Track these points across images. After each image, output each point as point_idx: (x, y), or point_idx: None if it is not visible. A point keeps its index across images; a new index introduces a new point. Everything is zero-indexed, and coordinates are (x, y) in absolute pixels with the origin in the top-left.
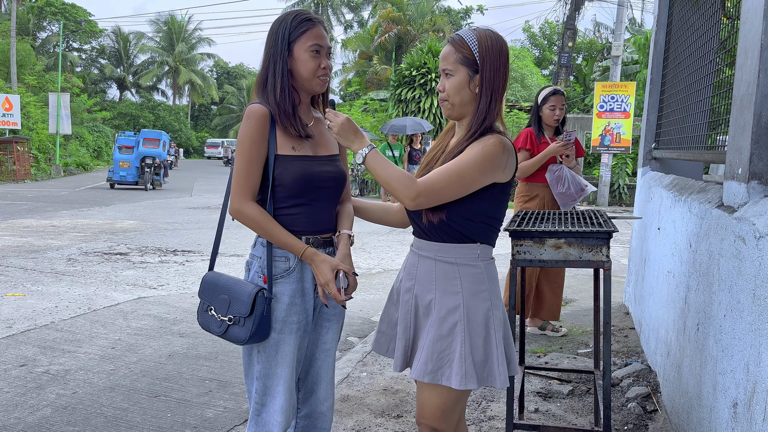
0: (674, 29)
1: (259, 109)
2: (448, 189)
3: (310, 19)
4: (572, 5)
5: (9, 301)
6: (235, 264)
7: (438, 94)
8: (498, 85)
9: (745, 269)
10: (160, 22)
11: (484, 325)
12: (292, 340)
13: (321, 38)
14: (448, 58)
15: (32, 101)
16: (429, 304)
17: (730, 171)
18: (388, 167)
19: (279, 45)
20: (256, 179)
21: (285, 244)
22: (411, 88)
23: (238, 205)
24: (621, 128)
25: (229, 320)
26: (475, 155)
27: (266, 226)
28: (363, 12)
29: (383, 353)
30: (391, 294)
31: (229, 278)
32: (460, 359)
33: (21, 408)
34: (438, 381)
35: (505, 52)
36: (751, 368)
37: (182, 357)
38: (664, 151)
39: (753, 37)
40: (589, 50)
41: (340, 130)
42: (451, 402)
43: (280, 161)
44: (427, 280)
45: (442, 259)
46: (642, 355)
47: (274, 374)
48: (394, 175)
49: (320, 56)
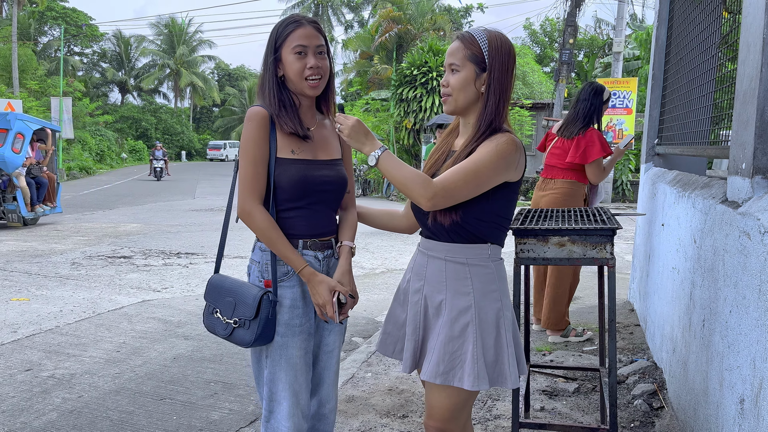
0: (676, 24)
1: (259, 111)
2: (464, 188)
3: (297, 21)
4: (573, 2)
5: (14, 306)
6: (238, 266)
7: (440, 90)
8: (506, 86)
9: (751, 265)
10: (161, 25)
11: (495, 326)
12: (296, 343)
13: (305, 38)
14: (456, 54)
15: (34, 106)
16: (439, 304)
17: (733, 166)
18: (401, 168)
19: (270, 49)
20: (262, 179)
21: (285, 257)
22: (412, 87)
23: (249, 207)
24: (623, 124)
25: (234, 323)
26: (489, 154)
27: (270, 235)
28: (363, 12)
29: (389, 354)
30: (397, 294)
31: (234, 281)
32: (473, 360)
33: (27, 412)
34: (450, 382)
35: (513, 55)
36: (757, 364)
37: (187, 359)
38: (667, 147)
39: (755, 31)
40: (590, 47)
41: (351, 132)
42: (461, 403)
43: (279, 164)
44: (437, 280)
45: (452, 259)
46: (647, 352)
47: (279, 379)
48: (409, 175)
49: (305, 56)
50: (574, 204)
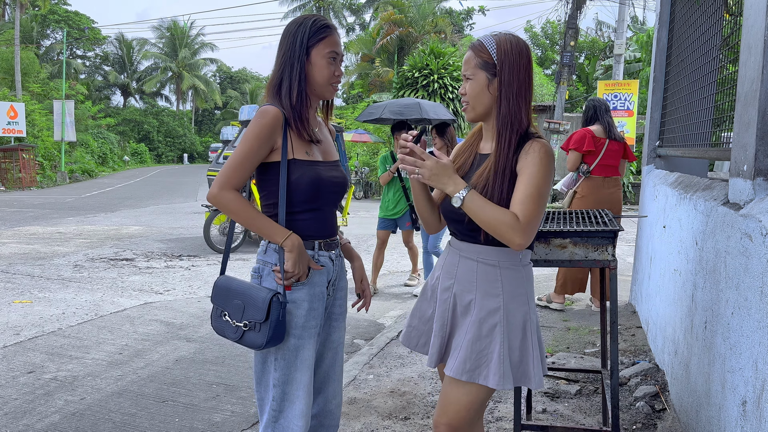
0: (677, 27)
1: (273, 111)
2: (541, 214)
3: (329, 26)
4: (574, 4)
5: (17, 308)
6: (240, 267)
7: (460, 98)
8: (521, 88)
9: (753, 266)
10: (163, 28)
11: (522, 328)
12: (311, 344)
13: (338, 45)
14: (469, 63)
15: (37, 109)
16: (468, 304)
17: (735, 168)
18: (487, 208)
19: (297, 48)
20: (245, 174)
21: (268, 232)
22: (414, 89)
23: (217, 190)
24: (624, 126)
25: (244, 326)
26: (541, 172)
27: (248, 213)
28: (365, 15)
29: (413, 347)
30: (424, 290)
31: (241, 283)
32: (499, 360)
33: (29, 415)
34: (475, 380)
35: (526, 55)
36: (759, 366)
37: (189, 362)
38: (668, 149)
39: (756, 33)
40: (591, 49)
41: (431, 175)
42: (479, 402)
43: (295, 166)
44: (468, 280)
45: (484, 261)
46: (649, 354)
47: (293, 380)
48: (497, 216)
49: (336, 63)
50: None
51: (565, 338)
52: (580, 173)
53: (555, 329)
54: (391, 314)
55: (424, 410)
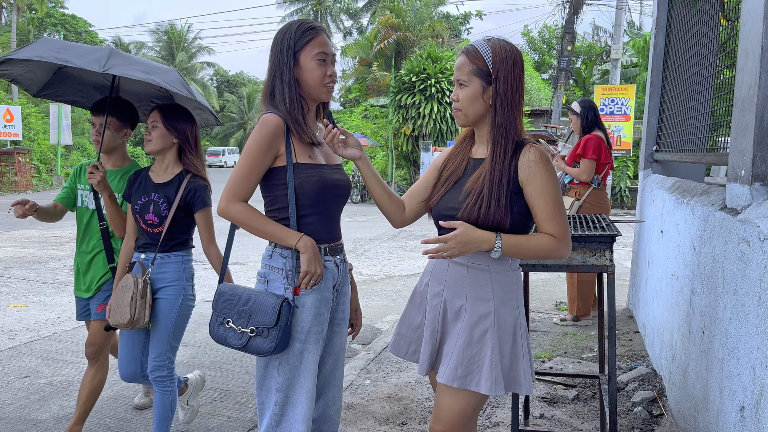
0: (673, 32)
1: (274, 119)
2: (566, 218)
3: (314, 28)
4: (571, 9)
5: (11, 313)
6: (237, 272)
7: (452, 103)
8: (514, 95)
9: (750, 272)
10: (160, 31)
11: (512, 333)
12: (316, 349)
13: (326, 46)
14: (463, 69)
15: (33, 112)
16: (459, 309)
17: (732, 173)
18: (526, 244)
19: (285, 54)
20: (252, 186)
21: (280, 237)
22: (411, 93)
23: (225, 204)
24: (621, 131)
25: (251, 332)
26: (550, 179)
27: (258, 222)
28: (362, 19)
29: (402, 356)
30: (413, 297)
31: (246, 289)
32: (490, 365)
33: (24, 420)
34: (467, 386)
35: (520, 63)
36: (758, 371)
37: (185, 367)
38: (665, 154)
39: (753, 38)
40: (588, 54)
41: (462, 247)
42: (471, 408)
43: (300, 170)
44: (458, 285)
45: (474, 266)
46: (647, 359)
47: (297, 384)
48: (536, 246)
49: (326, 64)
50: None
51: (562, 343)
52: (591, 184)
53: (552, 334)
54: (388, 318)
55: (421, 415)
